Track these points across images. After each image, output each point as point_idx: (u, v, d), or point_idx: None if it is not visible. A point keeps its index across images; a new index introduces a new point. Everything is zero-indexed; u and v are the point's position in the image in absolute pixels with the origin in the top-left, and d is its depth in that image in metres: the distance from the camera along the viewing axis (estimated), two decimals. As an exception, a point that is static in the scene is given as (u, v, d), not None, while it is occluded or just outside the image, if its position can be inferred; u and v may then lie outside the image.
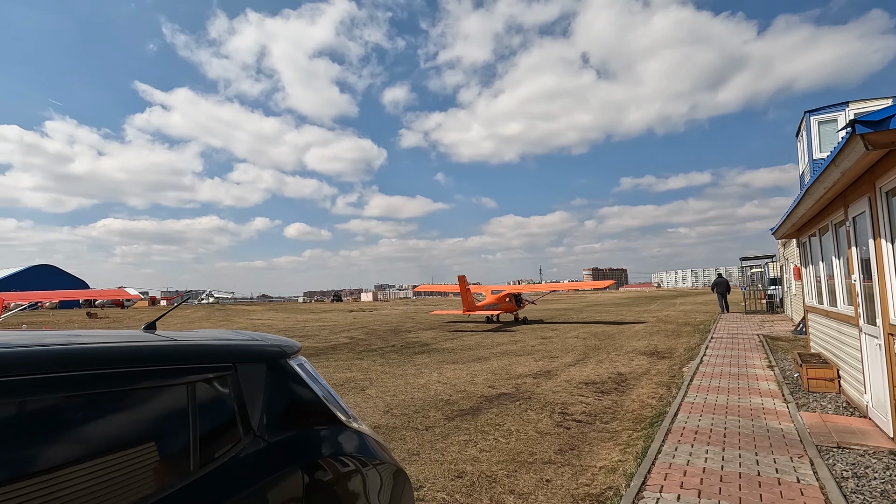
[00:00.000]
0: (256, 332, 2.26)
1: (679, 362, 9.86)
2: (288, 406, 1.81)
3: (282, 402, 1.78)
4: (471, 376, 9.03)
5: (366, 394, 7.70)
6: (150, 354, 1.48)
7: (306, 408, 1.88)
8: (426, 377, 9.03)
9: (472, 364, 10.49)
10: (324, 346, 14.79)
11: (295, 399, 1.84)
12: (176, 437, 1.43)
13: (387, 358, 11.71)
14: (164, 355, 1.51)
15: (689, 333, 15.13)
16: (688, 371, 8.69)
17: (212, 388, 1.58)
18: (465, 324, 21.42)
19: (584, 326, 18.88)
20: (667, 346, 12.51)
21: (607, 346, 12.75)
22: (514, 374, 9.22)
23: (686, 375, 8.28)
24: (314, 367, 2.11)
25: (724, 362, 9.31)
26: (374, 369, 10.08)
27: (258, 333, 2.18)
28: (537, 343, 13.96)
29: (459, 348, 13.32)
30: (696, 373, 8.35)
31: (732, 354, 10.25)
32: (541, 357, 11.25)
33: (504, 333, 17.08)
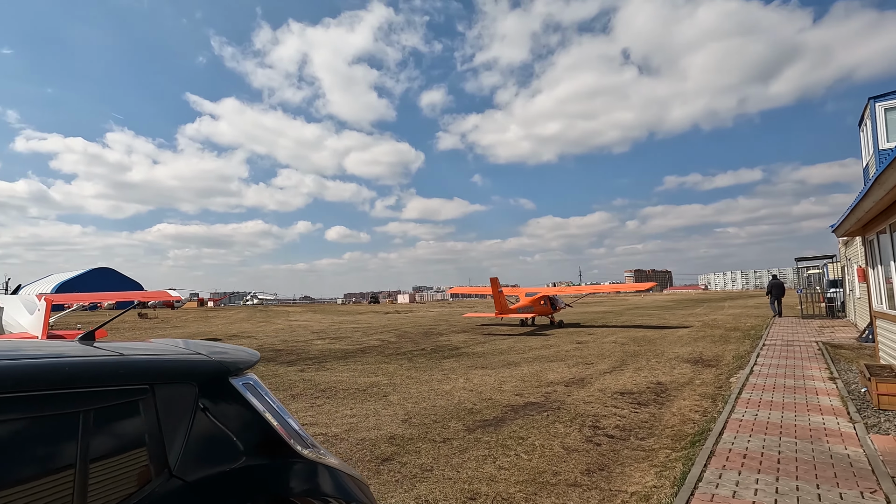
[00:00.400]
0: (216, 343, 1.98)
1: (726, 372, 9.09)
2: (222, 435, 1.50)
3: (214, 430, 1.48)
4: (498, 383, 8.61)
5: (387, 400, 7.43)
6: (31, 376, 1.20)
7: (249, 436, 1.57)
8: (452, 383, 8.67)
9: (502, 370, 10.05)
10: (354, 348, 14.69)
11: (234, 426, 1.53)
12: (57, 481, 1.14)
13: (414, 362, 11.43)
14: (50, 377, 1.23)
15: (738, 339, 14.11)
16: (736, 382, 7.95)
17: (114, 416, 1.28)
18: (498, 327, 20.92)
19: (623, 331, 18.01)
20: (713, 353, 11.65)
21: (647, 353, 12.00)
22: (545, 381, 8.73)
23: (734, 387, 7.56)
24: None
25: (778, 373, 8.49)
26: (400, 374, 9.81)
27: (217, 345, 1.90)
28: (572, 348, 13.35)
29: (490, 353, 12.89)
30: (745, 384, 7.61)
31: (787, 364, 9.36)
32: (575, 363, 10.68)
33: (538, 337, 16.49)
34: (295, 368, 10.80)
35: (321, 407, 7.03)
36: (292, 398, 7.66)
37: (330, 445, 5.21)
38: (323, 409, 6.88)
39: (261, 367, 11.12)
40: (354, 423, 6.13)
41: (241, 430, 1.55)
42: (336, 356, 12.78)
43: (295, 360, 12.13)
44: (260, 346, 15.78)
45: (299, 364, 11.48)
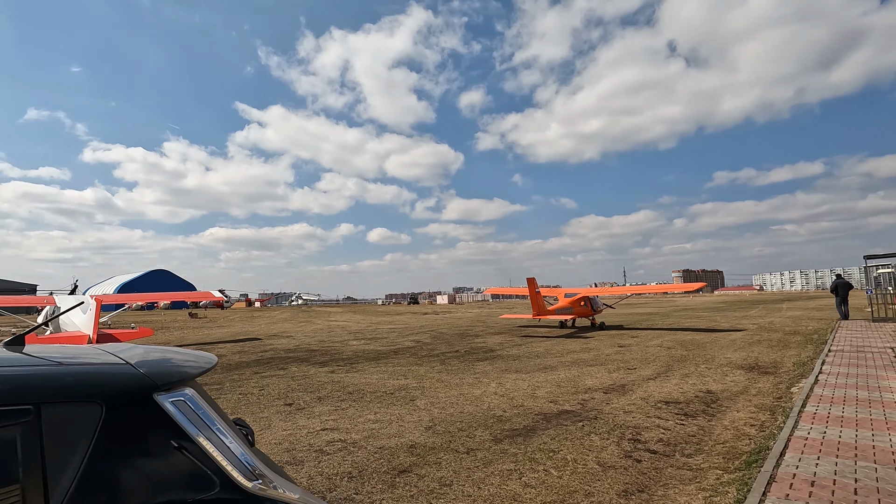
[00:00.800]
0: (167, 349, 1.71)
1: (786, 380, 8.24)
2: (133, 468, 1.20)
3: (121, 462, 1.18)
4: (532, 389, 8.14)
5: (413, 405, 7.12)
6: None
7: (172, 468, 1.26)
8: (483, 388, 8.28)
9: (537, 374, 9.57)
10: (387, 349, 14.53)
11: (152, 455, 1.24)
12: None
13: (447, 364, 11.10)
14: None
15: (798, 344, 12.96)
16: (798, 392, 7.15)
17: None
18: (535, 329, 20.29)
19: (670, 334, 17.01)
20: (770, 358, 10.69)
21: (696, 358, 11.17)
22: (582, 387, 8.20)
23: (796, 398, 6.79)
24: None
25: (848, 383, 7.59)
26: (431, 377, 9.50)
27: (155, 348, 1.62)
28: (613, 352, 12.64)
29: (525, 356, 12.39)
30: (809, 395, 6.82)
31: (859, 373, 8.40)
32: (616, 368, 10.04)
33: (577, 340, 15.80)
34: (326, 370, 10.70)
35: (345, 411, 6.81)
36: (318, 400, 7.50)
37: (347, 453, 4.96)
38: (346, 413, 6.66)
39: (293, 367, 11.11)
40: (376, 429, 5.85)
41: (162, 460, 1.25)
42: (369, 357, 12.64)
43: (328, 361, 12.07)
44: (297, 346, 15.90)
45: (331, 365, 11.39)
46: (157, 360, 1.46)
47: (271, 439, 5.50)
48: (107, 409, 1.19)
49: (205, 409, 1.40)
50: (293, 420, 6.34)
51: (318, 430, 5.82)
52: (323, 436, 5.59)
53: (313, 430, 5.86)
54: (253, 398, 7.76)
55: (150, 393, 1.30)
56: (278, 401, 7.53)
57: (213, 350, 15.26)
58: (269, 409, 6.96)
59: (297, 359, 12.64)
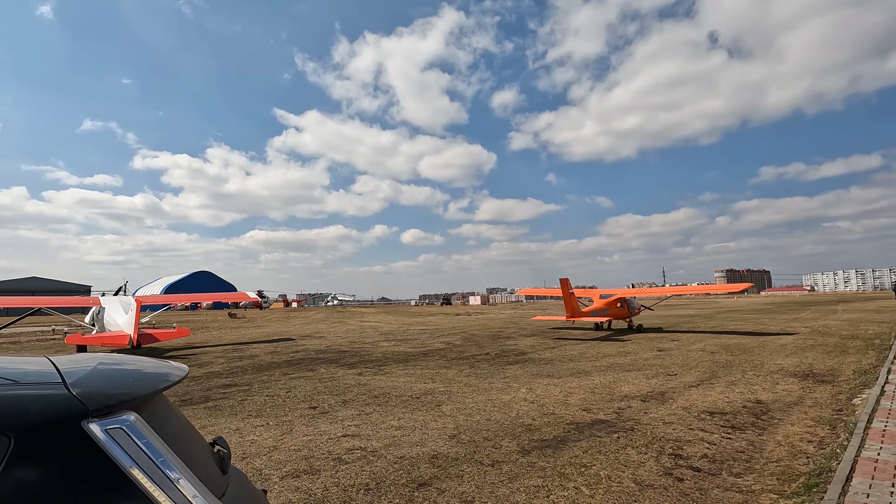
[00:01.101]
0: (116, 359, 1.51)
1: (847, 390, 7.54)
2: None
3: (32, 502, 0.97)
4: (564, 395, 7.75)
5: (439, 410, 6.87)
6: None
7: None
8: (512, 393, 7.95)
9: (570, 379, 9.15)
10: (417, 351, 14.35)
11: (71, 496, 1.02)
12: None
13: (476, 367, 10.81)
14: None
15: (858, 350, 11.98)
16: (862, 405, 6.49)
17: None
18: (570, 331, 19.68)
19: (713, 337, 16.13)
20: (827, 365, 9.87)
21: (742, 364, 10.46)
22: (618, 394, 7.74)
23: (860, 412, 6.15)
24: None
25: (920, 394, 6.85)
26: (459, 380, 9.24)
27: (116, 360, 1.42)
28: (652, 356, 12.02)
29: (558, 359, 11.95)
30: (876, 409, 6.16)
31: (931, 383, 7.59)
32: (655, 374, 9.50)
33: (613, 343, 15.19)
34: (354, 371, 10.60)
35: (369, 416, 6.63)
36: (343, 404, 7.36)
37: (366, 463, 4.75)
38: (370, 419, 6.47)
39: (321, 369, 11.07)
40: (398, 436, 5.63)
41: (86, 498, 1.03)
42: (398, 359, 12.49)
43: (356, 363, 11.99)
44: (328, 347, 15.96)
45: (360, 367, 11.30)
46: (100, 378, 1.26)
47: (291, 445, 5.36)
48: (16, 442, 0.99)
49: (149, 439, 1.17)
50: (315, 425, 6.20)
51: (339, 437, 5.64)
52: (343, 443, 5.41)
53: (334, 435, 5.69)
54: (279, 400, 7.70)
55: (80, 420, 1.09)
56: (303, 404, 7.43)
57: (246, 350, 15.48)
58: (293, 413, 6.87)
59: (327, 360, 12.63)
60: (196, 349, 16.08)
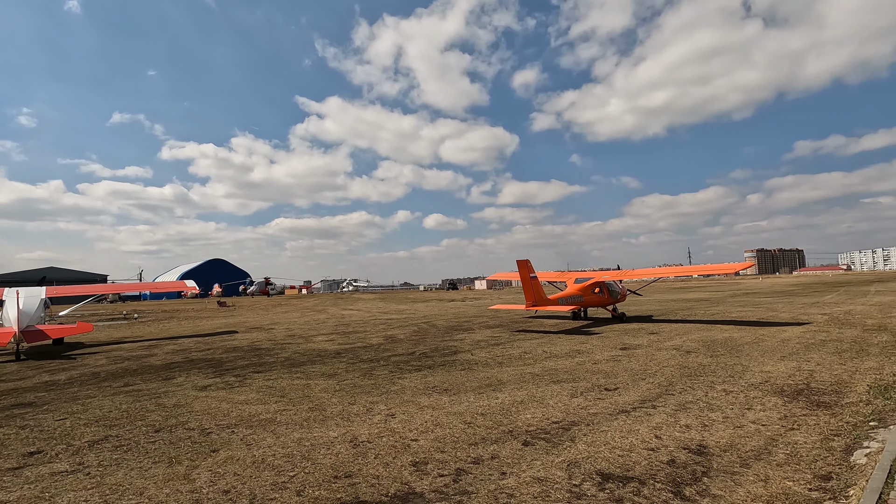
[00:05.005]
0: None
1: (849, 427, 4.87)
2: None
3: None
4: (426, 428, 5.32)
5: (192, 471, 4.52)
6: None
7: None
8: (351, 426, 5.55)
9: (465, 397, 6.69)
10: (343, 348, 12.05)
11: None
12: None
13: (368, 377, 8.43)
14: None
15: (882, 349, 9.13)
16: (868, 464, 3.84)
17: None
18: (542, 320, 17.06)
19: (703, 329, 13.32)
20: (832, 375, 7.14)
21: (718, 370, 7.79)
22: (506, 426, 5.27)
23: (860, 481, 3.53)
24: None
25: (970, 440, 4.15)
26: (311, 399, 6.90)
27: None
28: (608, 357, 9.42)
29: (490, 361, 9.47)
30: (892, 482, 3.52)
31: None
32: (589, 387, 6.95)
33: (575, 338, 12.57)
34: (211, 381, 8.37)
35: (63, 480, 4.31)
36: (55, 456, 5.07)
37: None
38: (62, 484, 4.17)
39: (180, 377, 8.88)
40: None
41: None
42: (304, 360, 10.23)
43: (240, 368, 9.77)
44: (251, 343, 13.85)
45: (234, 373, 9.07)
46: None
47: None
48: None
49: None
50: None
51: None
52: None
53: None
54: (25, 433, 5.49)
55: None
56: (28, 447, 5.18)
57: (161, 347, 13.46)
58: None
59: (215, 362, 10.47)
60: (108, 346, 14.14)
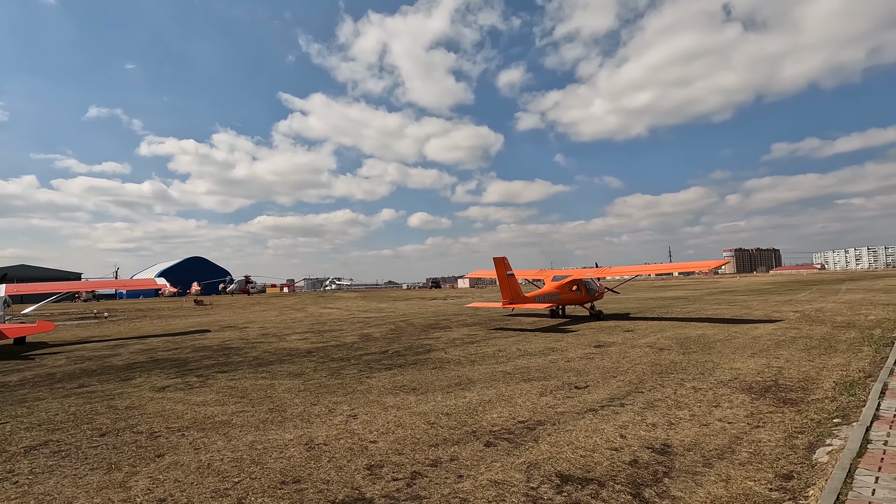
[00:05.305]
0: None
1: (814, 424, 4.82)
2: None
3: None
4: (388, 429, 5.13)
5: (130, 478, 4.27)
6: None
7: None
8: (310, 427, 5.34)
9: (433, 396, 6.52)
10: (316, 347, 11.78)
11: None
12: None
13: (336, 376, 8.20)
14: None
15: (850, 345, 9.22)
16: (830, 462, 3.77)
17: None
18: (520, 318, 17.01)
19: (678, 326, 13.39)
20: (801, 372, 7.15)
21: (689, 367, 7.76)
22: (471, 426, 5.11)
23: (830, 473, 3.45)
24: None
25: (931, 437, 4.12)
26: (272, 399, 6.65)
27: None
28: (581, 355, 9.34)
29: (463, 360, 9.31)
30: (852, 471, 3.44)
31: (949, 410, 4.85)
32: (559, 385, 6.83)
33: (550, 336, 12.51)
34: (168, 382, 8.05)
35: None
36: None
37: None
38: None
39: (140, 378, 8.54)
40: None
41: None
42: (265, 362, 9.93)
43: (207, 367, 9.44)
44: (222, 343, 13.48)
45: (198, 373, 8.75)
46: None
47: None
48: None
49: None
50: None
51: None
52: None
53: None
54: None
55: None
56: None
57: (128, 346, 12.99)
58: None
59: (180, 362, 10.12)
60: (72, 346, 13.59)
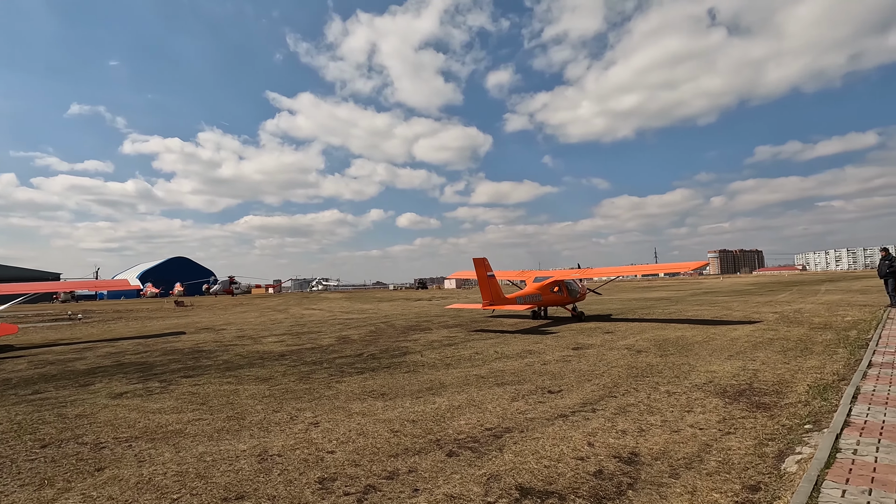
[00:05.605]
0: None
1: (785, 431, 4.70)
2: None
3: None
4: (345, 439, 4.90)
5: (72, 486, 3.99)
6: None
7: None
8: (266, 438, 5.08)
9: (402, 401, 6.30)
10: (290, 349, 11.48)
11: None
12: None
13: (307, 380, 7.94)
14: None
15: (826, 347, 9.20)
16: (797, 475, 3.63)
17: None
18: (502, 319, 16.86)
19: (658, 328, 13.33)
20: (776, 374, 7.06)
21: (665, 370, 7.64)
22: (434, 435, 4.90)
23: (797, 482, 3.30)
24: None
25: (902, 443, 4.01)
26: (230, 406, 6.38)
27: None
28: (558, 357, 9.19)
29: (438, 363, 9.10)
30: (824, 474, 3.30)
31: (921, 414, 4.76)
32: (533, 389, 6.66)
33: (528, 338, 12.36)
34: (136, 386, 7.72)
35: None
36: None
37: None
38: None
39: (99, 384, 8.19)
40: None
41: None
42: (235, 365, 9.62)
43: (172, 371, 9.11)
44: (194, 345, 13.09)
45: (162, 377, 8.42)
46: None
47: None
48: None
49: None
50: None
51: None
52: None
53: None
54: None
55: None
56: None
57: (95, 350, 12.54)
58: None
59: (146, 366, 9.76)
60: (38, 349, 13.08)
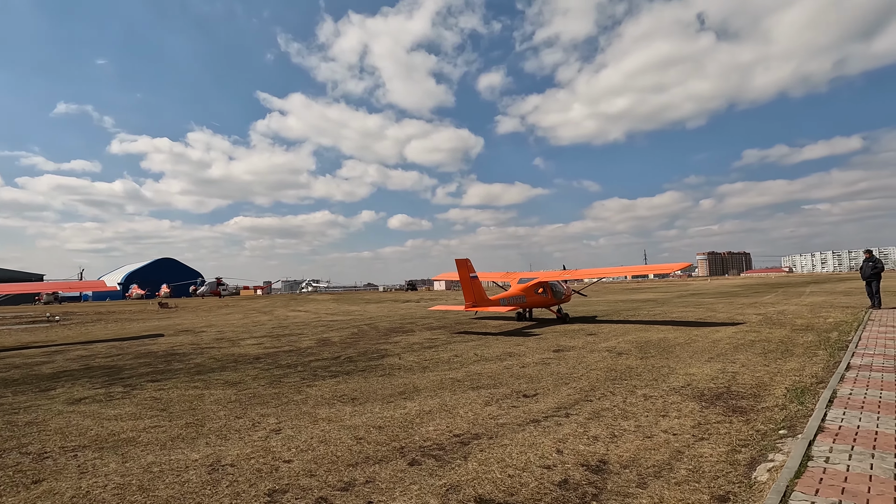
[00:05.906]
0: None
1: (759, 437, 4.55)
2: None
3: None
4: (305, 447, 4.68)
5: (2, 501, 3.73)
6: None
7: None
8: (223, 446, 4.84)
9: (371, 406, 6.08)
10: (268, 352, 11.19)
11: None
12: None
13: (278, 384, 7.69)
14: None
15: (806, 349, 9.12)
16: (772, 477, 3.48)
17: None
18: (486, 321, 16.70)
19: (641, 330, 13.23)
20: (755, 377, 6.94)
21: (645, 373, 7.50)
22: (399, 442, 4.69)
23: (766, 492, 3.14)
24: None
25: (884, 441, 3.88)
26: (192, 412, 6.12)
27: None
28: (538, 360, 9.02)
29: (414, 366, 8.89)
30: (794, 482, 3.14)
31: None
32: (505, 395, 6.47)
33: (511, 339, 12.19)
34: (98, 391, 7.42)
35: None
36: None
37: None
38: None
39: (60, 388, 7.86)
40: None
41: None
42: (206, 369, 9.33)
43: (140, 375, 8.80)
44: (171, 348, 12.75)
45: (127, 382, 8.12)
46: None
47: None
48: None
49: None
50: None
51: None
52: None
53: None
54: None
55: None
56: None
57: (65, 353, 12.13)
58: None
59: (114, 370, 9.44)
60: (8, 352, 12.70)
